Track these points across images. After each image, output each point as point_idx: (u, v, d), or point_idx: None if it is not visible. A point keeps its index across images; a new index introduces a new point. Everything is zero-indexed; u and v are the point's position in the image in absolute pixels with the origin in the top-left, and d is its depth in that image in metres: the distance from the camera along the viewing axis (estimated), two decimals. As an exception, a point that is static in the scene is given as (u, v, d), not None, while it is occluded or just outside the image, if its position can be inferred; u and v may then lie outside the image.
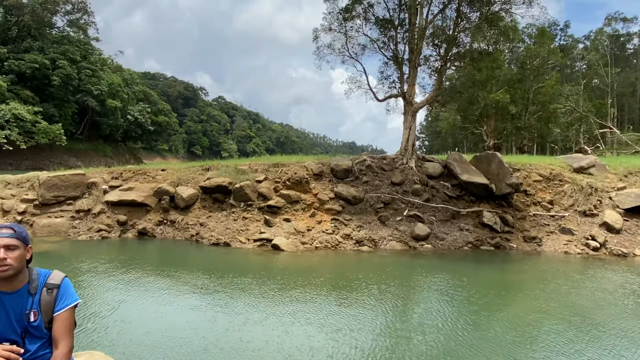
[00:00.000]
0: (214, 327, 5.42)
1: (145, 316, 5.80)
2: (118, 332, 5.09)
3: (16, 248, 2.02)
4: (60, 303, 2.11)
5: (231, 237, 11.22)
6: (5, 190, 12.74)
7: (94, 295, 6.67)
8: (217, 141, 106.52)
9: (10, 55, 44.17)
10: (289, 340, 5.02)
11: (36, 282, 2.11)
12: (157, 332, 5.15)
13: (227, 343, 4.90)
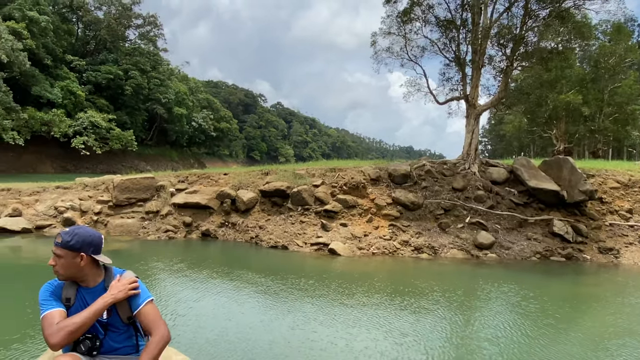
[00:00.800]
0: (279, 326, 5.52)
1: (218, 315, 5.99)
2: (193, 330, 5.28)
3: (61, 257, 2.16)
4: (137, 300, 2.22)
5: (289, 241, 11.36)
6: (84, 192, 13.78)
7: (170, 293, 6.99)
8: (274, 146, 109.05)
9: (88, 67, 48.00)
10: (355, 343, 5.00)
11: (111, 280, 2.23)
12: (228, 330, 5.32)
13: (293, 342, 4.97)
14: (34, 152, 41.65)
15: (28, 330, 5.02)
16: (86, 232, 2.21)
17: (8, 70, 36.48)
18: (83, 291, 2.19)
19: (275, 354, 4.67)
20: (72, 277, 2.18)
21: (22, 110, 37.97)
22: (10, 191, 13.34)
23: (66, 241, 2.15)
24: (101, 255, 2.24)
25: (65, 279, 2.17)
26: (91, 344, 2.10)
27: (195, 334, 5.13)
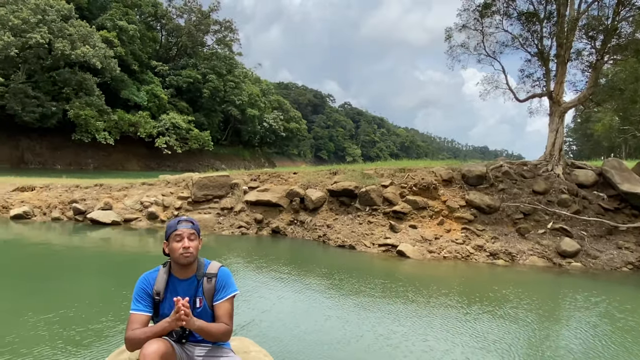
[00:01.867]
0: (352, 324, 5.50)
1: (296, 311, 6.11)
2: (276, 326, 5.43)
3: (195, 238, 2.30)
4: (221, 293, 2.31)
5: (356, 241, 11.31)
6: (166, 188, 14.74)
7: (251, 288, 7.25)
8: (342, 146, 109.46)
9: (170, 71, 51.38)
10: (436, 344, 4.87)
11: (201, 270, 2.34)
12: (305, 327, 5.40)
13: (370, 342, 4.95)
14: (122, 151, 45.44)
15: (122, 312, 5.46)
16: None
17: (101, 76, 40.10)
18: (176, 282, 2.29)
19: (351, 353, 4.66)
20: (194, 261, 2.29)
21: (112, 113, 41.55)
22: (102, 187, 14.63)
23: (196, 225, 2.33)
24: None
25: (192, 261, 2.27)
26: (181, 332, 2.20)
27: (277, 330, 5.25)
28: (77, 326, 4.98)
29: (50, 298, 6.06)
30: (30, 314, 5.27)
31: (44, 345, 4.46)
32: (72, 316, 5.27)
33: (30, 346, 4.40)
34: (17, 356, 4.12)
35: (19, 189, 14.34)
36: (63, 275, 7.72)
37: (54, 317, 5.19)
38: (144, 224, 13.13)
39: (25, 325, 4.90)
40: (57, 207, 13.53)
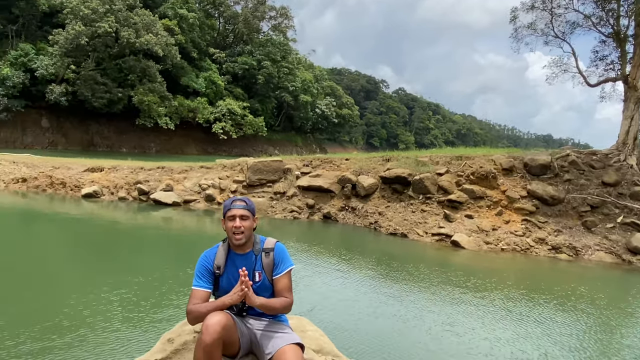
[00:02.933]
0: (412, 311, 5.46)
1: (352, 297, 6.17)
2: (331, 310, 5.51)
3: (248, 218, 2.35)
4: (279, 267, 2.37)
5: (408, 229, 11.13)
6: (222, 172, 15.22)
7: (308, 274, 7.40)
8: (394, 133, 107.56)
9: (227, 58, 52.61)
10: (502, 335, 4.73)
11: (259, 245, 2.41)
12: (361, 312, 5.44)
13: (426, 326, 4.90)
14: (182, 136, 47.40)
15: (183, 288, 5.74)
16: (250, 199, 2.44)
17: (162, 63, 41.79)
18: (235, 257, 2.38)
19: (414, 342, 4.63)
20: (248, 239, 2.37)
21: (173, 99, 43.31)
22: (164, 169, 15.36)
23: (250, 204, 2.39)
24: None
25: (243, 242, 2.35)
26: (241, 306, 2.28)
27: (335, 315, 5.31)
28: (143, 300, 5.29)
29: (119, 273, 6.48)
30: (104, 288, 5.67)
31: (115, 318, 4.78)
32: (139, 291, 5.61)
33: (103, 319, 4.73)
34: (92, 330, 4.44)
35: (89, 170, 15.39)
36: (129, 252, 8.23)
37: (123, 291, 5.55)
38: (202, 206, 13.67)
39: (98, 300, 5.27)
40: (123, 188, 14.39)
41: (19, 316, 4.51)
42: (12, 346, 3.84)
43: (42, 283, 5.84)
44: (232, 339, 2.10)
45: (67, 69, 36.74)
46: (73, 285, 5.89)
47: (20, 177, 14.99)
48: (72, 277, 6.44)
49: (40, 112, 39.33)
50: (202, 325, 2.01)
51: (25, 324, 4.32)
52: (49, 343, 3.98)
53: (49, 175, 14.89)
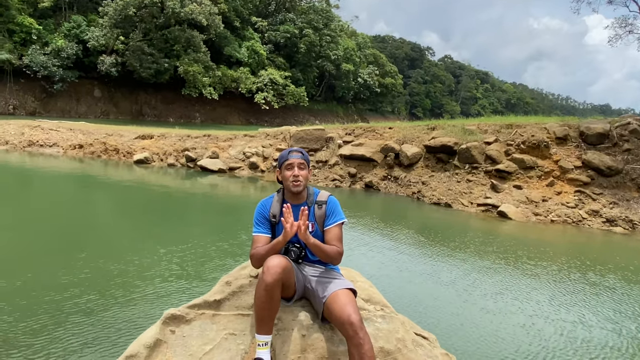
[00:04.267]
0: (465, 282, 5.43)
1: (396, 263, 6.21)
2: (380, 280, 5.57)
3: (305, 167, 2.42)
4: (331, 219, 2.42)
5: (453, 199, 10.90)
6: (265, 140, 15.40)
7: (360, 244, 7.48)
8: (439, 102, 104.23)
9: (269, 27, 52.26)
10: (567, 317, 4.61)
11: (312, 197, 2.47)
12: (406, 278, 5.46)
13: (491, 309, 4.85)
14: (225, 106, 48.17)
15: (231, 248, 5.96)
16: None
17: (206, 33, 42.15)
18: (292, 207, 2.42)
19: (469, 313, 4.60)
20: (304, 189, 2.45)
21: (216, 69, 43.83)
22: (210, 137, 15.73)
23: (306, 155, 2.45)
24: None
25: (301, 191, 2.43)
26: (298, 252, 2.38)
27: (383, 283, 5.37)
28: (198, 258, 5.55)
29: (172, 234, 6.79)
30: (157, 247, 5.97)
31: (174, 277, 5.04)
32: (193, 250, 5.89)
33: (164, 278, 5.01)
34: (156, 288, 4.72)
35: (140, 137, 16.01)
36: (180, 215, 8.59)
37: (179, 251, 5.83)
38: (246, 173, 13.96)
39: (159, 260, 5.57)
40: (172, 155, 14.91)
41: (74, 274, 4.84)
42: (73, 303, 4.15)
43: (99, 242, 6.23)
44: (289, 282, 2.19)
45: (117, 40, 37.88)
46: (128, 245, 6.25)
47: (77, 144, 15.84)
48: (127, 236, 6.82)
49: (93, 82, 41.03)
50: (264, 266, 2.11)
51: (82, 281, 4.64)
52: (107, 300, 4.27)
53: (103, 142, 15.64)
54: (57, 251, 5.59)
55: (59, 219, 7.47)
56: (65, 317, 3.74)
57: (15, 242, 5.88)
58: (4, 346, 3.21)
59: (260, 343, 2.04)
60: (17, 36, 36.03)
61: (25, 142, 16.26)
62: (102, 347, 3.34)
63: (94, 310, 3.91)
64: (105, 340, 3.45)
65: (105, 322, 3.72)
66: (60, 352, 3.22)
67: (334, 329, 2.20)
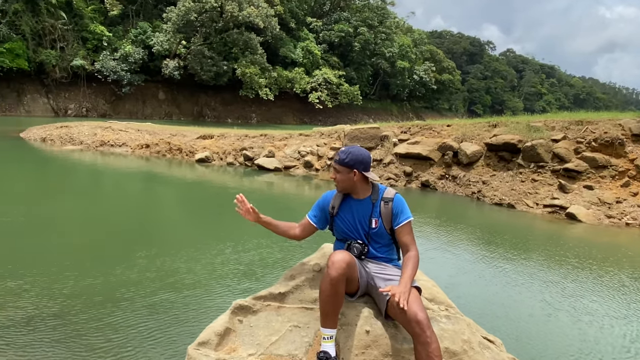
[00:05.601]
0: (531, 291, 5.21)
1: (458, 266, 6.07)
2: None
3: (341, 171, 2.46)
4: (399, 217, 2.41)
5: (516, 199, 10.41)
6: (320, 139, 15.52)
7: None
8: (500, 99, 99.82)
9: (323, 27, 52.59)
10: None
11: (377, 194, 2.47)
12: (467, 280, 5.35)
13: (540, 300, 4.63)
14: (280, 106, 49.11)
15: (285, 248, 6.09)
16: (358, 152, 2.46)
17: (263, 35, 43.18)
18: (352, 201, 2.51)
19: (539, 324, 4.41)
20: (347, 190, 2.50)
21: (272, 70, 44.78)
22: (266, 137, 16.11)
23: (342, 159, 2.44)
24: (370, 172, 2.46)
25: (341, 191, 2.52)
26: (361, 249, 2.40)
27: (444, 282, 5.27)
28: (259, 252, 5.74)
29: (233, 230, 7.05)
30: (224, 245, 6.22)
31: (238, 270, 5.23)
32: (254, 245, 6.09)
33: (228, 271, 5.21)
34: (222, 281, 4.93)
35: (201, 137, 16.71)
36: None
37: (241, 245, 6.05)
38: (301, 172, 14.15)
39: (222, 254, 5.81)
40: (231, 154, 15.43)
41: (143, 270, 5.14)
42: (145, 296, 4.40)
43: (165, 238, 6.58)
44: (353, 277, 2.21)
45: (179, 44, 39.80)
46: (192, 240, 6.56)
47: (144, 143, 16.82)
48: (191, 232, 7.16)
49: (157, 85, 43.39)
50: (328, 261, 2.15)
51: (152, 277, 4.92)
52: (177, 292, 4.50)
53: (167, 142, 16.49)
54: (127, 247, 5.92)
55: (128, 216, 7.98)
56: (140, 308, 3.97)
57: (88, 238, 6.32)
58: (82, 341, 3.39)
59: (326, 336, 2.07)
60: (90, 43, 38.89)
61: (98, 142, 17.50)
62: (175, 334, 3.53)
63: (165, 301, 4.14)
64: (177, 327, 3.65)
65: (176, 312, 3.94)
66: (137, 340, 3.43)
67: (397, 326, 2.19)
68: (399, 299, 1.95)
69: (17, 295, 4.05)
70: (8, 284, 4.28)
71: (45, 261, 5.00)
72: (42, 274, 4.59)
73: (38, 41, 36.20)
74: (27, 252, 5.27)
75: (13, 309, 3.80)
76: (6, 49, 33.34)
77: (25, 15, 34.43)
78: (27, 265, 4.80)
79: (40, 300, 3.99)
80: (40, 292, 4.16)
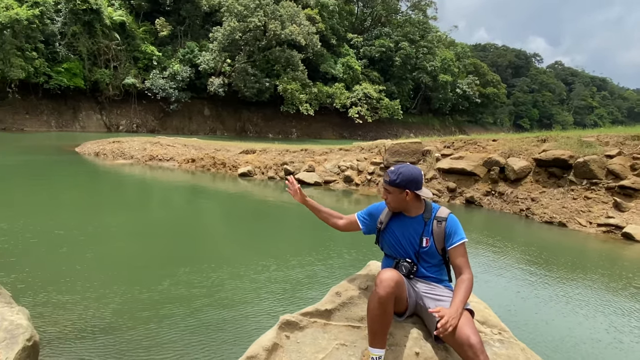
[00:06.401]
0: (575, 307, 4.94)
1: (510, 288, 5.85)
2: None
3: (390, 193, 2.43)
4: (452, 238, 2.35)
5: (568, 217, 9.90)
6: (360, 154, 15.49)
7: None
8: (548, 112, 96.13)
9: (364, 42, 52.91)
10: None
11: (429, 213, 2.42)
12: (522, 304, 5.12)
13: (597, 326, 4.37)
14: (320, 121, 49.57)
15: (324, 260, 6.06)
16: (409, 171, 2.42)
17: (304, 52, 43.97)
18: (403, 217, 2.47)
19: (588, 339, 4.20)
20: (399, 209, 2.46)
21: (312, 86, 45.39)
22: (307, 151, 16.26)
23: (393, 180, 2.42)
24: (422, 190, 2.42)
25: (394, 210, 2.48)
26: (410, 267, 2.35)
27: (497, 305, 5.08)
28: (304, 267, 5.74)
29: (277, 244, 7.12)
30: (268, 260, 6.28)
31: (283, 285, 5.26)
32: (298, 260, 6.11)
33: (274, 286, 5.26)
34: (268, 296, 4.96)
35: (244, 152, 17.09)
36: (282, 226, 8.98)
37: (285, 261, 6.10)
38: (341, 186, 14.14)
39: (267, 269, 5.87)
40: (272, 168, 15.67)
41: (190, 286, 5.24)
42: (195, 312, 4.49)
43: (212, 253, 6.72)
44: (401, 296, 2.17)
45: (224, 62, 41.17)
46: (237, 254, 6.66)
47: (190, 158, 17.40)
48: (236, 246, 7.28)
49: (203, 102, 44.99)
50: (377, 279, 2.11)
51: (201, 292, 5.01)
52: (226, 306, 4.56)
53: (212, 157, 16.99)
54: (172, 261, 5.98)
55: (173, 229, 8.23)
56: (187, 325, 4.02)
57: (134, 251, 6.49)
58: (130, 358, 3.46)
59: (374, 357, 2.02)
60: (141, 62, 40.99)
61: (147, 156, 18.27)
62: (222, 350, 3.57)
63: (212, 317, 4.19)
64: (224, 343, 3.68)
65: (222, 327, 3.98)
66: (185, 357, 3.48)
67: (448, 349, 2.11)
68: (447, 323, 1.89)
69: (67, 309, 4.18)
70: (60, 297, 4.44)
71: (93, 274, 5.15)
72: (90, 287, 4.73)
73: (93, 61, 38.57)
74: (77, 264, 5.47)
75: (64, 321, 3.93)
76: (64, 68, 35.75)
77: (83, 37, 36.84)
78: (76, 278, 4.98)
79: (89, 314, 4.09)
80: (88, 305, 4.28)
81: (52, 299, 4.36)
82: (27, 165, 15.89)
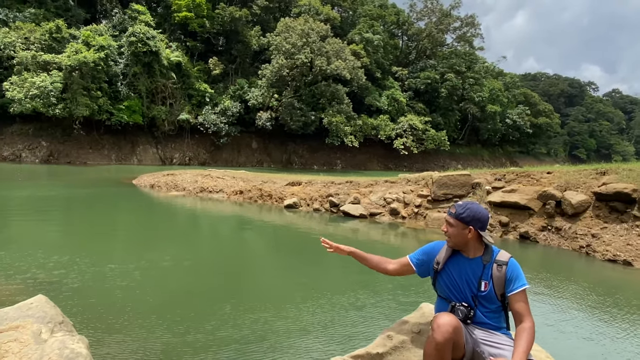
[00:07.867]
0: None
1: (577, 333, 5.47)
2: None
3: (453, 226, 2.34)
4: (514, 284, 2.25)
5: (634, 256, 9.16)
6: (406, 186, 15.26)
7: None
8: (607, 142, 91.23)
9: (409, 75, 53.16)
10: None
11: (489, 256, 2.32)
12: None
13: None
14: (365, 153, 49.69)
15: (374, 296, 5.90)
16: (476, 209, 2.36)
17: (349, 85, 44.75)
18: (461, 259, 2.37)
19: None
20: (458, 246, 2.37)
21: (357, 118, 45.85)
22: (352, 183, 16.24)
23: (459, 213, 2.35)
24: (486, 232, 2.33)
25: (453, 246, 2.39)
26: (466, 312, 2.24)
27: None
28: (354, 307, 5.63)
29: (324, 280, 7.05)
30: (313, 302, 6.23)
31: (332, 325, 5.18)
32: (346, 298, 5.99)
33: (322, 326, 5.19)
34: (316, 336, 4.89)
35: (289, 184, 17.34)
36: (327, 261, 8.91)
37: (333, 299, 6.01)
38: (387, 219, 13.92)
39: (316, 307, 5.82)
40: (317, 200, 15.74)
41: (237, 325, 5.24)
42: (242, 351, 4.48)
43: (251, 290, 6.75)
44: (459, 342, 2.09)
45: (272, 97, 42.64)
46: (284, 290, 6.65)
47: (238, 190, 17.86)
48: (282, 282, 7.28)
49: (251, 135, 46.51)
50: (433, 323, 2.05)
51: (248, 332, 5.01)
52: (274, 348, 4.52)
53: (259, 189, 17.35)
54: (218, 298, 5.94)
55: (223, 263, 8.37)
56: None
57: (179, 286, 6.54)
58: None
59: (429, 405, 1.92)
60: (195, 99, 43.28)
61: (198, 188, 18.95)
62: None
63: (263, 354, 4.16)
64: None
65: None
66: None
67: (508, 402, 1.96)
68: None
69: (110, 347, 4.19)
70: (105, 337, 4.42)
71: (137, 311, 5.15)
72: (137, 325, 4.73)
73: (151, 98, 41.17)
74: (129, 300, 5.55)
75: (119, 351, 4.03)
76: (125, 106, 38.40)
77: (142, 76, 39.56)
78: (120, 313, 5.01)
79: (137, 356, 4.07)
80: (137, 348, 4.22)
81: (110, 329, 4.51)
82: (90, 197, 16.94)
